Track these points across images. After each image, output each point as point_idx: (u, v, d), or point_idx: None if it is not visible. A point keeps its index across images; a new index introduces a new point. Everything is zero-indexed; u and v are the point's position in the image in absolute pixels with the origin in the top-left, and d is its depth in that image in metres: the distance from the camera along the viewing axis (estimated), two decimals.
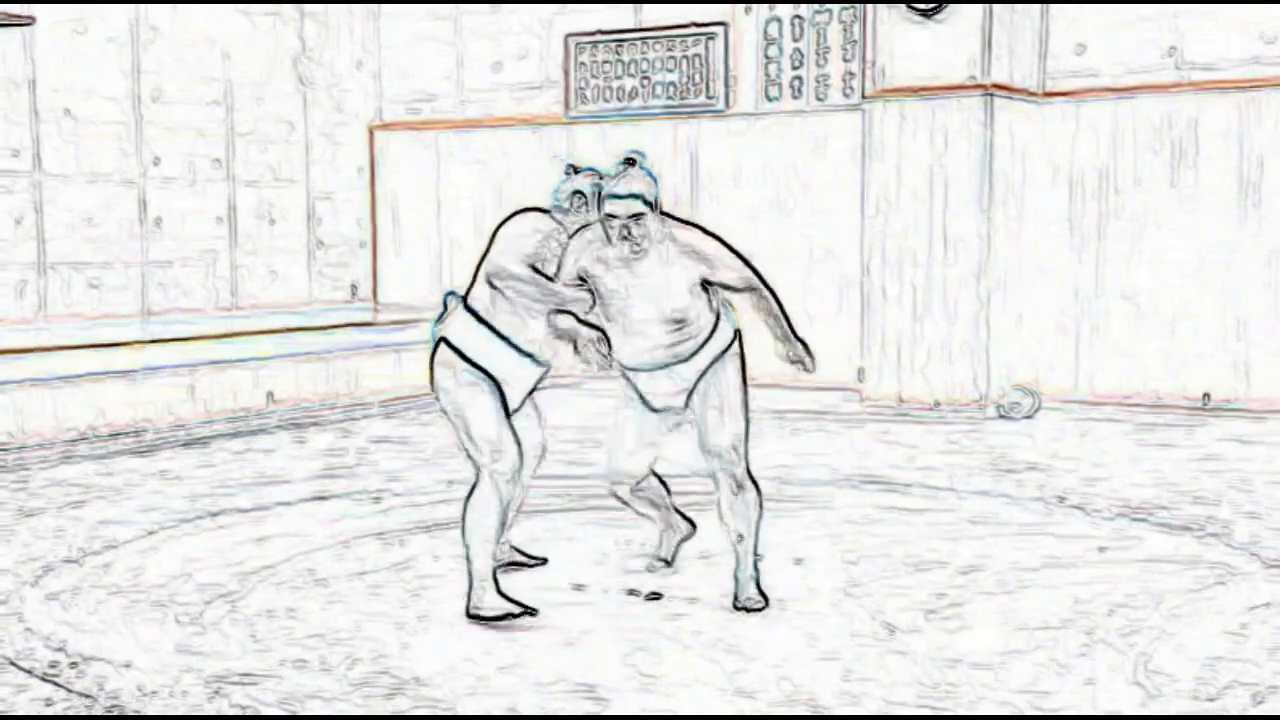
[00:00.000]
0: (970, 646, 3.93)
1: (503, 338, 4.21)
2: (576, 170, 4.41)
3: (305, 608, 4.34)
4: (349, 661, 3.81)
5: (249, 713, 3.42)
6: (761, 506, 4.33)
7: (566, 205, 4.34)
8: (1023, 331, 8.99)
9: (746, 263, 4.21)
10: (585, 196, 4.30)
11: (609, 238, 4.13)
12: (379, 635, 4.04)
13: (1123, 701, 3.49)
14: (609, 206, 4.08)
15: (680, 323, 4.15)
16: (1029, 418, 8.47)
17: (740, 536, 4.29)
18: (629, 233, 4.06)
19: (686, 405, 4.33)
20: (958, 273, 8.70)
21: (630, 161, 4.13)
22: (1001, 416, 8.53)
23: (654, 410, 4.38)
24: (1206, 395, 8.61)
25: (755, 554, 4.32)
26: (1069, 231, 8.98)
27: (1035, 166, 8.98)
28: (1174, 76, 8.61)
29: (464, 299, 4.33)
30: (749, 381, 4.38)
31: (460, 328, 4.26)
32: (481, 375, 4.21)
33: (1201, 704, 3.47)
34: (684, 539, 4.80)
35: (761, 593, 4.29)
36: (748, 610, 4.21)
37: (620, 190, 4.08)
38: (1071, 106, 8.89)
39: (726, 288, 4.22)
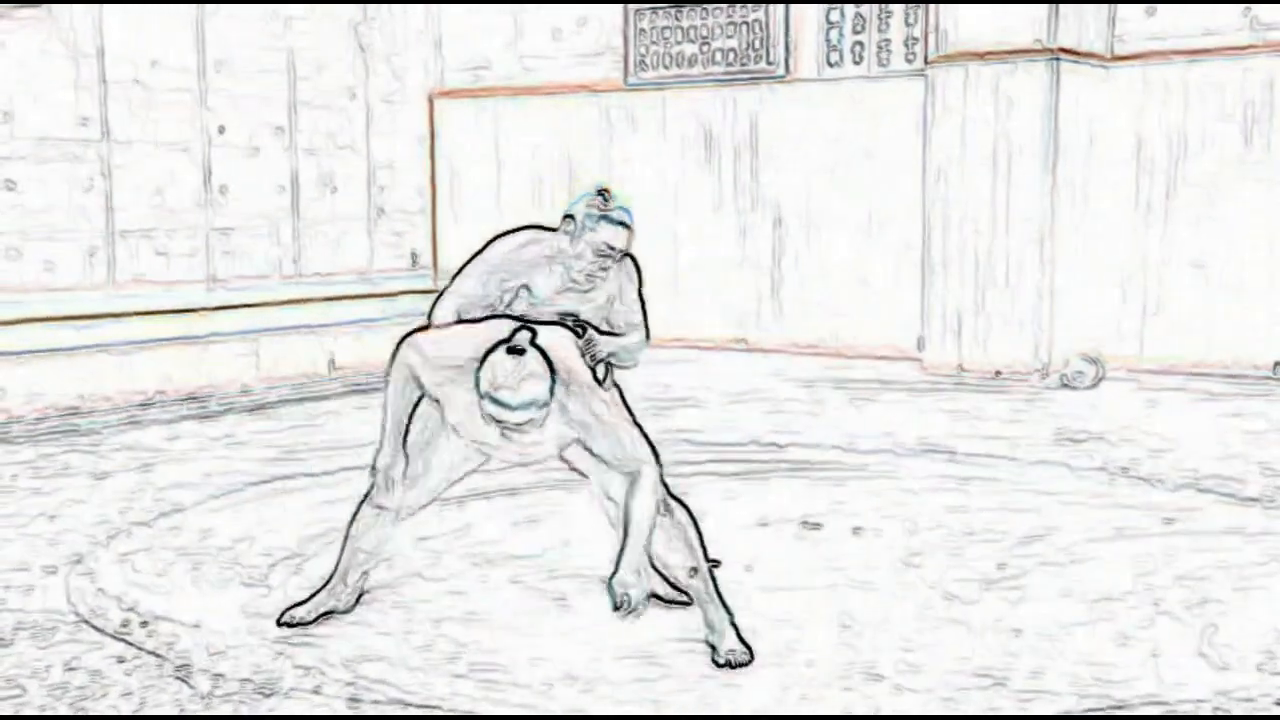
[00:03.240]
0: (1030, 617, 3.91)
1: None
2: (604, 194, 3.82)
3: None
4: (408, 625, 3.86)
5: (313, 674, 3.48)
6: (698, 527, 3.67)
7: (561, 228, 3.75)
8: (1087, 300, 8.85)
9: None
10: (572, 227, 3.70)
11: (571, 263, 3.64)
12: (438, 599, 4.09)
13: (1187, 673, 3.45)
14: (615, 234, 3.62)
15: None
16: (1092, 388, 8.36)
17: (693, 570, 3.59)
18: (605, 266, 3.66)
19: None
20: (1020, 241, 8.58)
21: (606, 191, 3.70)
22: (1064, 386, 8.42)
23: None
24: (1277, 364, 8.43)
25: (716, 592, 3.60)
26: (1136, 198, 8.81)
27: (1102, 132, 8.81)
28: (1249, 38, 8.40)
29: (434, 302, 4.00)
30: None
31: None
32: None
33: (1267, 677, 3.42)
34: (342, 608, 3.98)
35: (743, 641, 3.56)
36: (731, 665, 3.50)
37: (620, 219, 3.65)
38: (1140, 70, 8.71)
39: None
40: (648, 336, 3.85)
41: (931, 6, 8.90)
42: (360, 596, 3.98)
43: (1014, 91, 8.48)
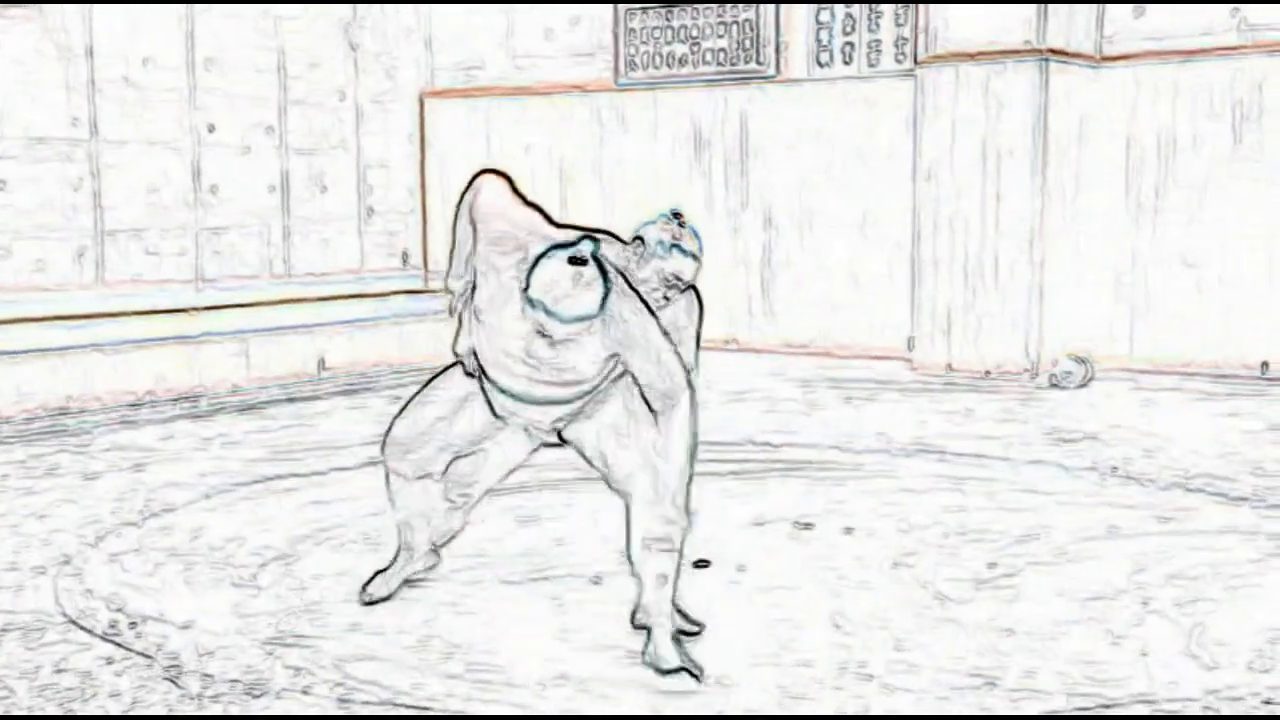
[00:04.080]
0: (1023, 616, 3.91)
1: None
2: (678, 217, 3.70)
3: (360, 572, 4.39)
4: (401, 625, 3.85)
5: (303, 674, 3.47)
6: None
7: (630, 247, 3.63)
8: (1077, 300, 8.87)
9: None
10: (641, 250, 3.56)
11: (638, 282, 3.40)
12: (432, 599, 4.08)
13: (1178, 673, 3.46)
14: (683, 266, 3.42)
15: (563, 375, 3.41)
16: (1082, 387, 8.38)
17: (663, 577, 3.44)
18: (669, 297, 3.46)
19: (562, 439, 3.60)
20: (1011, 240, 8.60)
21: (679, 216, 3.52)
22: (1054, 385, 8.44)
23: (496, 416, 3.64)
24: (1265, 365, 8.46)
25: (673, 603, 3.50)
26: (1126, 198, 8.83)
27: (1092, 132, 8.83)
28: (1238, 39, 8.42)
29: None
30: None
31: None
32: None
33: (1256, 675, 3.43)
34: (420, 569, 4.12)
35: (690, 662, 3.40)
36: (660, 671, 3.40)
37: (692, 250, 3.46)
38: (1130, 70, 8.73)
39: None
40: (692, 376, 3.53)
41: (921, 7, 8.91)
42: (438, 550, 4.06)
43: (1004, 92, 8.49)
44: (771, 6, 9.70)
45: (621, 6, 10.27)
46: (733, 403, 7.75)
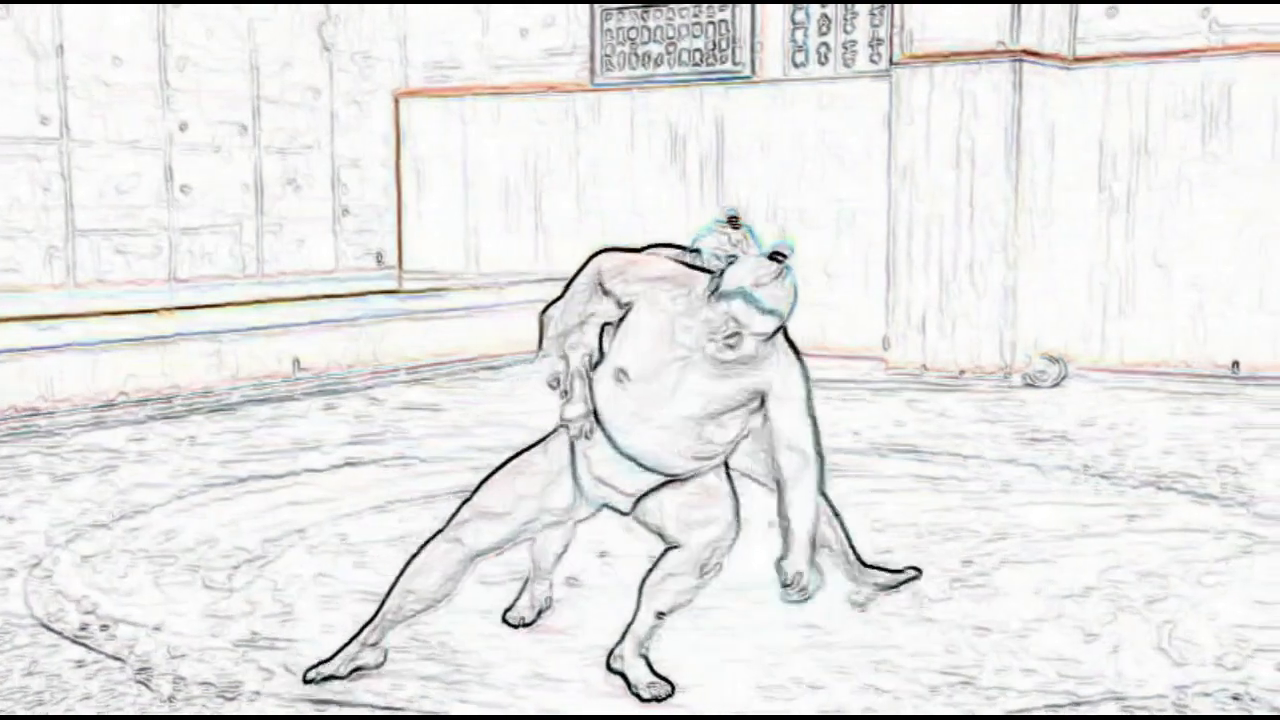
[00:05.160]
0: (997, 614, 3.93)
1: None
2: (734, 221, 3.53)
3: (335, 573, 4.37)
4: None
5: (276, 676, 3.45)
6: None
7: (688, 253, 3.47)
8: (1050, 300, 8.92)
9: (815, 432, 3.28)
10: (699, 258, 3.41)
11: (710, 327, 3.15)
12: None
13: (1148, 669, 3.48)
14: (751, 318, 3.12)
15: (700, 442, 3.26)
16: (1056, 386, 8.42)
17: (660, 615, 3.34)
18: (731, 345, 3.16)
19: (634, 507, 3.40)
20: (985, 240, 8.64)
21: (781, 256, 3.19)
22: (1028, 385, 8.48)
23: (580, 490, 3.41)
24: (1236, 363, 8.53)
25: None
26: (1098, 198, 8.89)
27: (1065, 132, 8.89)
28: (1207, 40, 8.49)
29: None
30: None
31: None
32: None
33: (1226, 672, 3.46)
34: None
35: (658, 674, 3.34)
36: (630, 689, 3.33)
37: (772, 305, 3.15)
38: (1102, 71, 8.78)
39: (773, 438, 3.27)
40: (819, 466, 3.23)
41: (896, 8, 8.95)
42: (386, 655, 3.46)
43: (978, 92, 8.53)
44: (747, 7, 9.72)
45: (598, 6, 10.27)
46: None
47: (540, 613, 3.89)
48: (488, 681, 3.43)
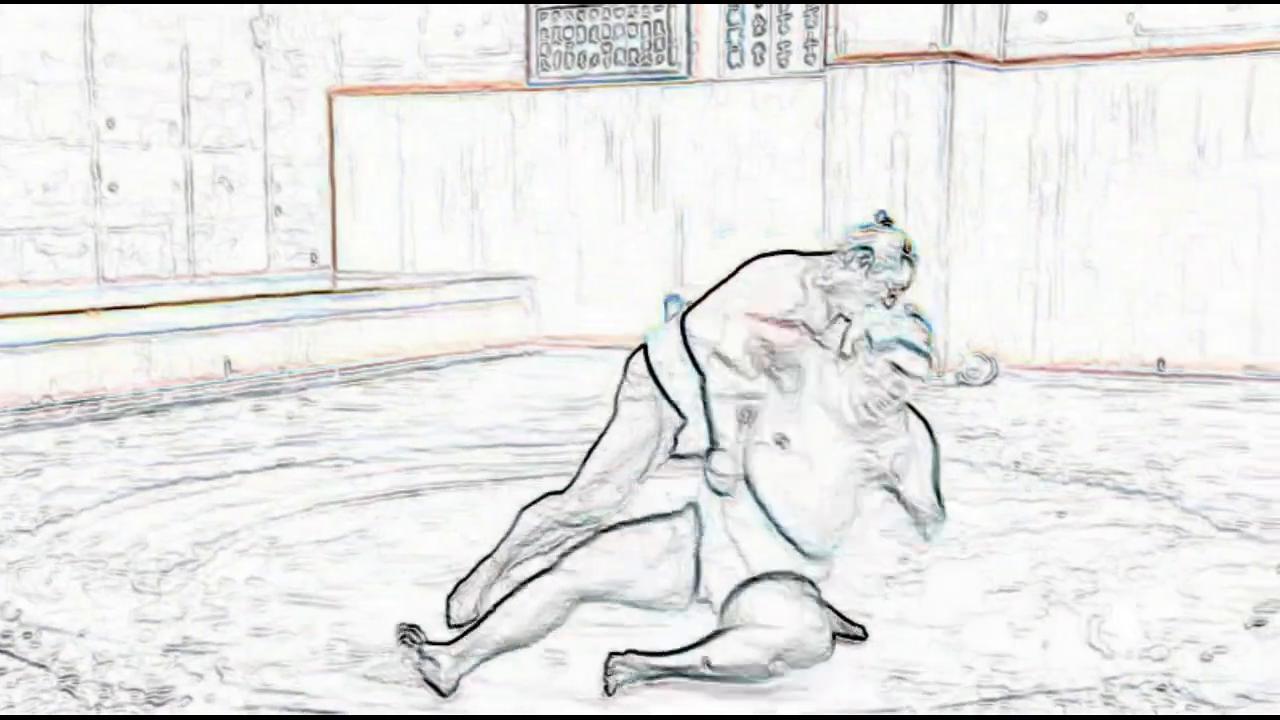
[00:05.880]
0: (932, 610, 3.97)
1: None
2: (889, 223, 3.54)
3: (266, 575, 4.31)
4: (309, 629, 3.79)
5: (207, 680, 3.40)
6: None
7: (848, 257, 3.49)
8: (982, 298, 9.04)
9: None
10: (870, 260, 3.42)
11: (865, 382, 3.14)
12: (340, 602, 4.03)
13: (1077, 663, 3.54)
14: (914, 364, 3.10)
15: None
16: (987, 384, 8.54)
17: (707, 663, 3.22)
18: (893, 397, 3.12)
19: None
20: (917, 239, 8.72)
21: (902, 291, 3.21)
22: (960, 383, 8.59)
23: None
24: (1161, 361, 8.70)
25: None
26: (1028, 198, 9.02)
27: (996, 134, 9.01)
28: (1133, 44, 8.65)
29: (684, 314, 3.72)
30: None
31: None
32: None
33: (1152, 664, 3.52)
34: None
35: None
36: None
37: (925, 348, 3.14)
38: (1032, 74, 8.92)
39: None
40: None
41: (830, 9, 9.02)
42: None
43: (911, 94, 8.62)
44: (683, 7, 9.74)
45: (533, 6, 10.23)
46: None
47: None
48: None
